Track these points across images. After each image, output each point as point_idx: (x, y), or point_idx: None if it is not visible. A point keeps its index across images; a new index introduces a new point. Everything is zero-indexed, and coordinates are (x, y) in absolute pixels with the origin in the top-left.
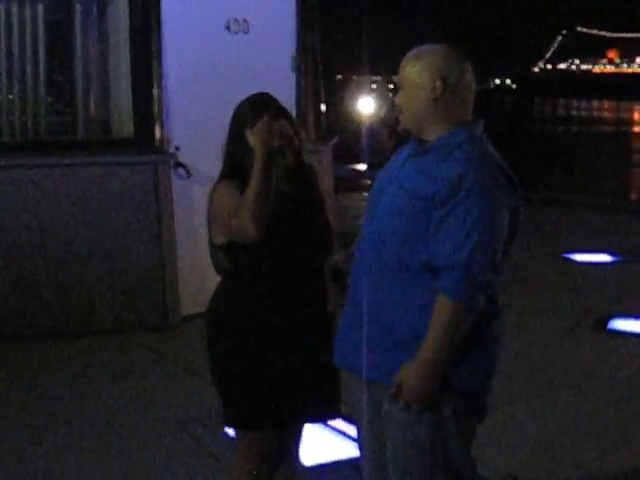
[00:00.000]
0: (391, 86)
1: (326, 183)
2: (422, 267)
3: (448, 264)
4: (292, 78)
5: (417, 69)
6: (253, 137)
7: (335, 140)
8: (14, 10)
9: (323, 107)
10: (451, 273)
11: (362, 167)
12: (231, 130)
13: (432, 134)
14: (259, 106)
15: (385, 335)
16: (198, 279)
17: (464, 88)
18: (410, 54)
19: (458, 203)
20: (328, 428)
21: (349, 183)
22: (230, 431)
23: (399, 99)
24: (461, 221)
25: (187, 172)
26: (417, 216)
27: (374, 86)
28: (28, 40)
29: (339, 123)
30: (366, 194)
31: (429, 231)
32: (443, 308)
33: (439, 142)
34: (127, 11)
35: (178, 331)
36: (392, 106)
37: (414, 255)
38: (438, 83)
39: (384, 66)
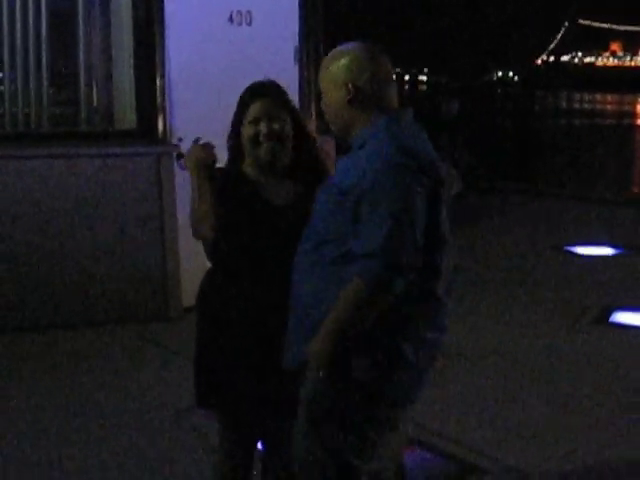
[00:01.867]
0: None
1: None
2: (342, 259)
3: (366, 252)
4: (295, 69)
5: (329, 74)
6: (187, 161)
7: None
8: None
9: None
10: (368, 260)
11: None
12: (234, 117)
13: (355, 133)
14: (259, 93)
15: (303, 325)
16: (200, 270)
17: (379, 83)
18: (325, 59)
19: (367, 192)
20: None
21: None
22: None
23: (322, 104)
24: (373, 209)
25: None
26: (338, 210)
27: None
28: (31, 30)
29: None
30: None
31: (350, 224)
32: (352, 286)
33: (357, 138)
34: (130, 2)
35: (179, 322)
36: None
37: (336, 248)
38: (350, 86)
39: (387, 56)
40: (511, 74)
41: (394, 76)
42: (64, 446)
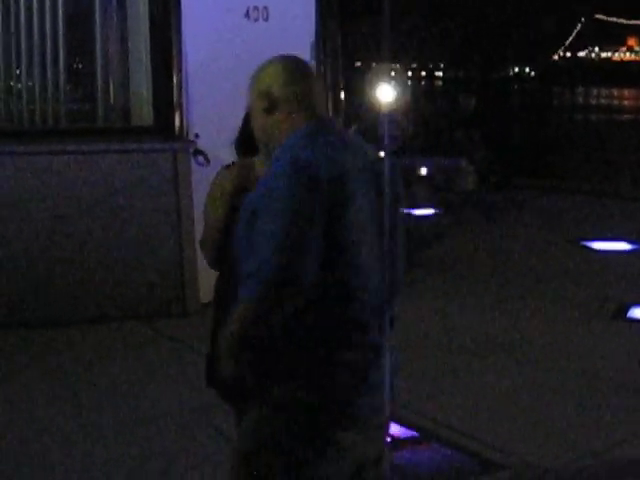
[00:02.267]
0: (410, 73)
1: None
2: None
3: (249, 272)
4: (312, 66)
5: (251, 88)
6: (215, 189)
7: (353, 128)
8: None
9: (342, 95)
10: (248, 280)
11: (380, 155)
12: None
13: (273, 145)
14: None
15: None
16: None
17: (299, 96)
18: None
19: (259, 210)
20: None
21: None
22: None
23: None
24: (261, 227)
25: (206, 159)
26: (247, 229)
27: (393, 73)
28: (48, 27)
29: (358, 111)
30: None
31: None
32: (236, 310)
33: (275, 150)
34: None
35: (197, 318)
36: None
37: (242, 269)
38: (265, 100)
39: (404, 52)
40: (527, 69)
41: (321, 87)
42: (82, 439)
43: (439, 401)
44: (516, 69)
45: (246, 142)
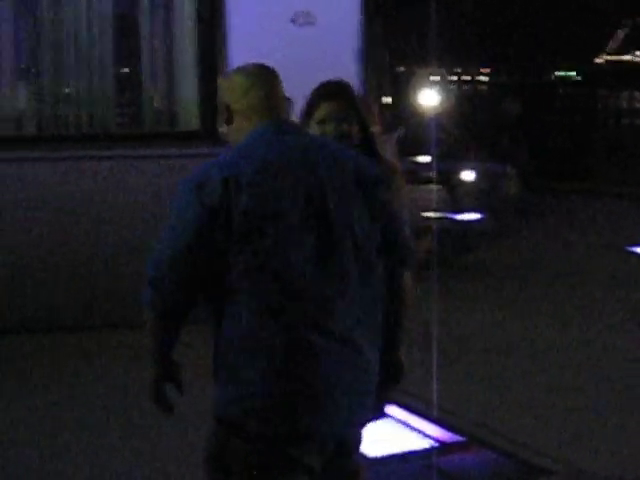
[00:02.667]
0: (454, 78)
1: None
2: None
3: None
4: (357, 70)
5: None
6: None
7: (399, 132)
8: (82, 3)
9: (388, 99)
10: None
11: (425, 159)
12: (301, 113)
13: None
14: (329, 93)
15: None
16: None
17: (252, 105)
18: None
19: None
20: (391, 419)
21: (408, 176)
22: None
23: None
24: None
25: None
26: None
27: (437, 78)
28: (95, 33)
29: (402, 115)
30: (424, 186)
31: None
32: None
33: None
34: (193, 5)
35: None
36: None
37: None
38: (225, 113)
39: (447, 58)
40: (572, 73)
41: (276, 90)
42: (106, 446)
43: (487, 406)
44: (560, 73)
45: None
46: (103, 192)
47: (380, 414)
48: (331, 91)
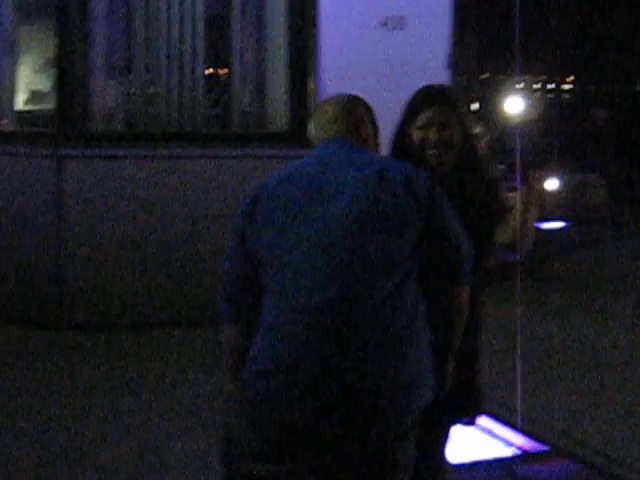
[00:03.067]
0: (538, 86)
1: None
2: None
3: None
4: (446, 75)
5: None
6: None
7: (488, 138)
8: (175, 4)
9: (477, 105)
10: None
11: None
12: (402, 118)
13: None
14: (431, 99)
15: None
16: None
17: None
18: None
19: None
20: (476, 427)
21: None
22: None
23: None
24: None
25: None
26: None
27: (520, 85)
28: (187, 33)
29: (488, 122)
30: (510, 194)
31: None
32: None
33: None
34: (285, 7)
35: None
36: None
37: None
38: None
39: (531, 65)
40: None
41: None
42: (148, 444)
43: (574, 417)
44: None
45: (403, 150)
46: (192, 191)
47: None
48: (433, 96)
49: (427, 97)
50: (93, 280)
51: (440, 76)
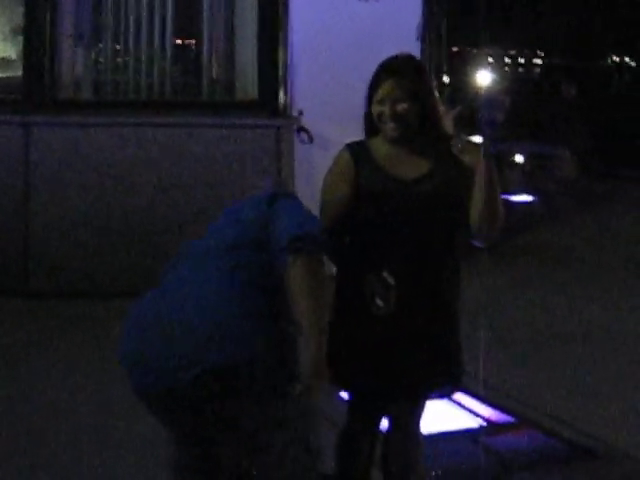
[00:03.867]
0: (507, 59)
1: None
2: None
3: None
4: (416, 47)
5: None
6: None
7: (458, 111)
8: None
9: (446, 78)
10: None
11: (477, 139)
12: (367, 91)
13: None
14: (389, 70)
15: None
16: None
17: None
18: None
19: None
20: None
21: None
22: (344, 395)
23: None
24: None
25: (309, 137)
26: None
27: (490, 59)
28: (157, 1)
29: (456, 95)
30: None
31: None
32: None
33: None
34: None
35: None
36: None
37: None
38: None
39: (500, 39)
40: (627, 59)
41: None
42: None
43: (537, 388)
44: (615, 58)
45: (371, 123)
46: (160, 159)
47: None
48: (391, 69)
49: (385, 70)
50: (59, 248)
51: (412, 48)
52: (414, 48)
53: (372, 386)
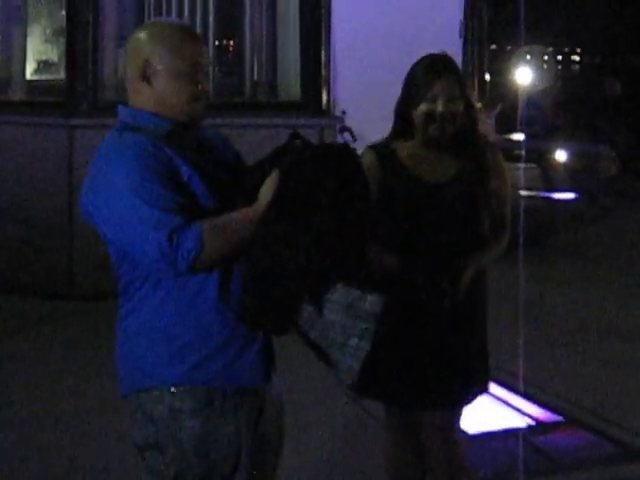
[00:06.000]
0: (546, 57)
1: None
2: None
3: None
4: (458, 44)
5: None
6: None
7: (499, 109)
8: None
9: (487, 76)
10: None
11: (518, 137)
12: (405, 89)
13: None
14: (437, 70)
15: None
16: None
17: None
18: None
19: None
20: (492, 398)
21: (503, 153)
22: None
23: None
24: None
25: (352, 136)
26: None
27: (529, 57)
28: (199, 3)
29: (497, 93)
30: (518, 164)
31: None
32: None
33: None
34: None
35: None
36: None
37: None
38: None
39: (539, 36)
40: None
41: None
42: None
43: (584, 386)
44: None
45: (404, 124)
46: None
47: None
48: (440, 68)
49: (433, 69)
50: (103, 250)
51: (453, 46)
52: (456, 46)
53: (407, 395)
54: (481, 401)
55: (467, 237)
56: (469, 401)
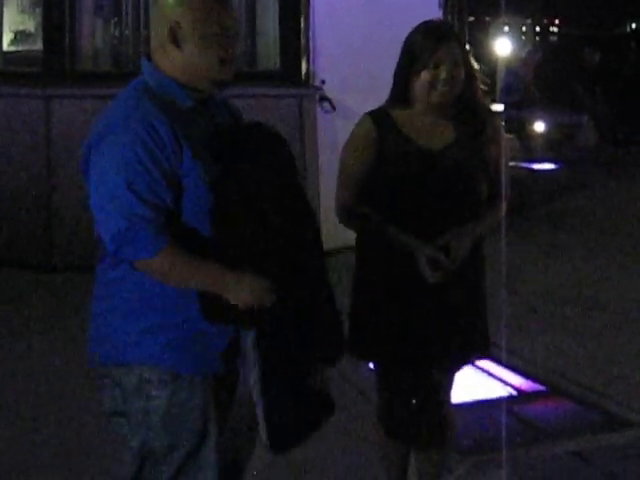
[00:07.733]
0: (524, 28)
1: None
2: None
3: None
4: (438, 15)
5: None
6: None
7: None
8: None
9: (467, 47)
10: None
11: (498, 107)
12: (400, 59)
13: None
14: (441, 36)
15: None
16: None
17: None
18: None
19: None
20: (475, 368)
21: None
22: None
23: None
24: None
25: (332, 106)
26: None
27: (507, 28)
28: None
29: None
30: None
31: None
32: None
33: None
34: None
35: None
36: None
37: None
38: None
39: (517, 8)
40: None
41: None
42: None
43: (569, 358)
44: (633, 25)
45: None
46: None
47: None
48: (442, 33)
49: (435, 35)
50: (83, 222)
51: (432, 16)
52: (436, 17)
53: (401, 356)
54: (464, 372)
55: (464, 204)
56: (467, 363)
